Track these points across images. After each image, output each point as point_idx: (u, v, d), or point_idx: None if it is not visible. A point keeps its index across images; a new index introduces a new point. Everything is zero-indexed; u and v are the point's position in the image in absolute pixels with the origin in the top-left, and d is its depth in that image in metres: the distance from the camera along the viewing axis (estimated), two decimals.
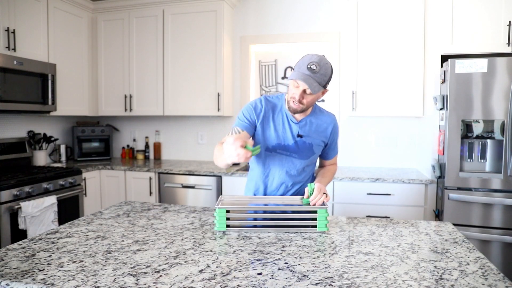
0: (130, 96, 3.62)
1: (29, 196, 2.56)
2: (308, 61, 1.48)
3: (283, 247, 1.28)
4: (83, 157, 3.72)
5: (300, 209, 1.47)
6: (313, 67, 1.46)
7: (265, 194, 1.77)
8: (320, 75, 1.48)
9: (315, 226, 1.43)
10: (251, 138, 1.65)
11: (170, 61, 3.49)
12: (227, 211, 1.43)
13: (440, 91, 2.74)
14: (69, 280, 1.00)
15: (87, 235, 1.39)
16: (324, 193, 1.51)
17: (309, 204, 1.50)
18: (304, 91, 1.51)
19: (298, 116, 1.66)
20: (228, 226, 1.44)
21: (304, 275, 1.04)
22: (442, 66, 2.72)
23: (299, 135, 1.65)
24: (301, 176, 1.74)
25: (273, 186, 1.74)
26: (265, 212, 1.51)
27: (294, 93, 1.52)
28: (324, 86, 1.52)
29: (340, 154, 3.19)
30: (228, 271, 1.07)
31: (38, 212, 2.54)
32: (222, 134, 3.74)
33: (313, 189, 1.52)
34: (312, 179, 1.82)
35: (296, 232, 1.43)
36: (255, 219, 1.49)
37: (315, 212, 1.43)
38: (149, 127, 3.98)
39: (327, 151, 1.77)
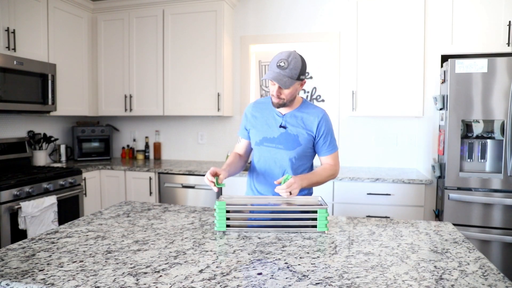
0: (130, 96, 3.62)
1: (29, 196, 2.56)
2: (277, 59, 1.62)
3: (283, 247, 1.28)
4: (83, 157, 3.71)
5: (300, 209, 1.47)
6: (282, 64, 1.59)
7: (258, 188, 1.82)
8: (289, 70, 1.59)
9: (315, 226, 1.43)
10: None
11: (170, 61, 3.49)
12: (227, 211, 1.44)
13: (440, 91, 2.74)
14: (69, 280, 1.00)
15: (87, 235, 1.39)
16: (290, 191, 1.53)
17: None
18: (280, 87, 1.63)
19: (284, 111, 1.77)
20: (228, 226, 1.44)
21: (304, 275, 1.04)
22: (442, 66, 2.72)
23: (282, 126, 1.74)
24: (293, 172, 1.76)
25: (266, 179, 1.78)
26: (265, 212, 1.51)
27: (272, 90, 1.67)
28: (298, 78, 1.62)
29: (340, 154, 3.16)
30: (228, 271, 1.07)
31: (38, 212, 2.54)
32: (222, 134, 3.74)
33: (285, 180, 1.55)
34: None
35: (296, 232, 1.43)
36: (255, 219, 1.49)
37: (315, 212, 1.44)
38: (149, 127, 3.98)
39: (319, 146, 1.77)
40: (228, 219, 1.44)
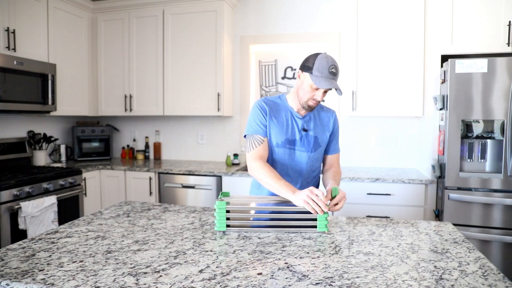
0: (130, 96, 3.62)
1: (29, 196, 2.56)
2: (327, 65, 1.56)
3: (283, 247, 1.28)
4: (83, 157, 3.72)
5: (300, 209, 1.47)
6: (334, 70, 1.57)
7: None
8: (338, 75, 1.61)
9: (315, 226, 1.43)
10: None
11: (170, 61, 3.49)
12: (227, 211, 1.43)
13: (440, 91, 2.74)
14: (69, 280, 1.00)
15: (87, 235, 1.39)
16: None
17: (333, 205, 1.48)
18: (325, 91, 1.61)
19: (302, 112, 1.74)
20: (228, 226, 1.44)
21: (304, 275, 1.04)
22: (442, 66, 2.72)
23: (304, 129, 1.73)
24: (308, 173, 1.76)
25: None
26: (265, 212, 1.51)
27: (316, 96, 1.61)
28: None
29: (340, 154, 3.18)
30: (228, 271, 1.07)
31: (38, 212, 2.54)
32: (222, 134, 3.74)
33: (337, 191, 1.52)
34: (318, 179, 1.85)
35: (296, 232, 1.43)
36: (255, 219, 1.49)
37: None
38: (149, 127, 3.98)
39: (329, 144, 1.83)
40: (228, 219, 1.44)
